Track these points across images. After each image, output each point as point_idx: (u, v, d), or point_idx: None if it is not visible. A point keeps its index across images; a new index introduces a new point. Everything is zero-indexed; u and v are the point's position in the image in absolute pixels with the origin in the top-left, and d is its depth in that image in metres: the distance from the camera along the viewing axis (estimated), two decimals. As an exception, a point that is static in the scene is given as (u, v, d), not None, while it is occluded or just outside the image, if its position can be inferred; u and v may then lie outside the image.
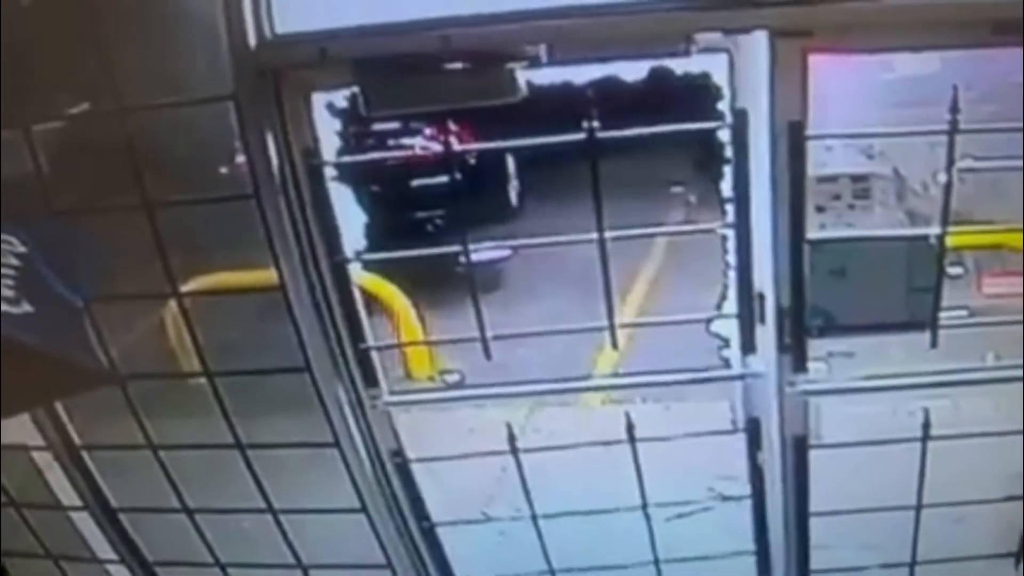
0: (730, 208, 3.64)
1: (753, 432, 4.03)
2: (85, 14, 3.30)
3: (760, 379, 3.90)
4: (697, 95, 3.49)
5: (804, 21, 3.29)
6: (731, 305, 3.82)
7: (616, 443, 4.14)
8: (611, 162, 3.59)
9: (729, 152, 3.55)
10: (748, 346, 3.86)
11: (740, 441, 4.09)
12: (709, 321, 3.88)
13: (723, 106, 3.50)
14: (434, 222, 9.36)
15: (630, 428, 4.11)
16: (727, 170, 3.58)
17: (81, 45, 3.33)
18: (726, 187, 3.62)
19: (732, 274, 3.75)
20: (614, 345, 3.96)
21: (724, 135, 3.54)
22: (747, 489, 4.17)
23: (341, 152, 3.65)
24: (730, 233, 3.68)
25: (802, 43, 3.32)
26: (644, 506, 4.26)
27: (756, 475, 4.13)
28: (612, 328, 3.90)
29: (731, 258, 3.72)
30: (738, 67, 3.41)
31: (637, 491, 4.20)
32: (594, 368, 5.64)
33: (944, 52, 3.42)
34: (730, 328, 3.87)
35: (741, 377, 3.93)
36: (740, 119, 3.49)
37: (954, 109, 3.41)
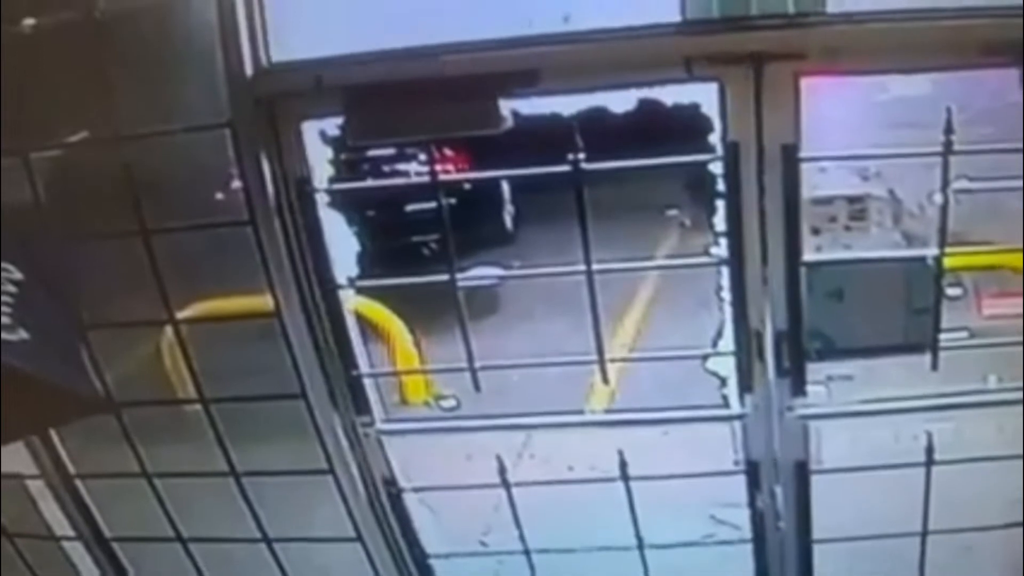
0: (723, 242, 3.69)
1: (752, 474, 4.09)
2: (85, 43, 3.46)
3: (759, 417, 3.95)
4: (689, 121, 3.59)
5: (796, 44, 3.39)
6: (727, 342, 3.87)
7: (610, 480, 4.20)
8: (605, 185, 3.70)
9: (721, 185, 3.60)
10: (746, 385, 3.91)
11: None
12: (705, 358, 3.93)
13: (714, 138, 3.56)
14: (429, 246, 9.51)
15: (623, 466, 4.17)
16: (719, 204, 3.63)
17: (80, 74, 3.49)
18: (719, 221, 3.66)
19: (727, 309, 3.81)
20: (605, 381, 4.04)
21: (716, 167, 3.60)
22: (748, 516, 4.23)
23: (334, 179, 3.78)
24: (724, 269, 3.73)
25: (794, 66, 3.42)
26: (640, 546, 4.34)
27: (756, 515, 4.19)
28: (602, 364, 3.97)
29: (726, 294, 3.78)
30: (730, 96, 3.48)
31: (637, 516, 4.27)
32: (591, 394, 5.76)
33: (936, 74, 3.53)
34: (727, 365, 3.92)
35: (740, 417, 3.99)
36: (732, 152, 3.55)
37: (948, 130, 3.49)
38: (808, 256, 3.75)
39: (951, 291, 3.86)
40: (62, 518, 4.45)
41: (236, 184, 3.67)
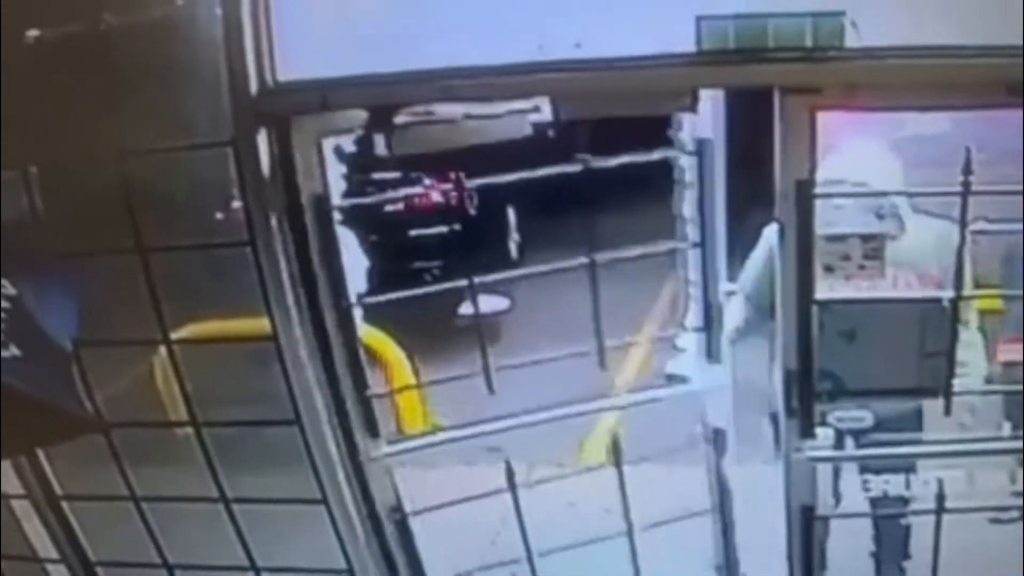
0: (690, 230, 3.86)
1: (719, 445, 4.15)
2: (87, 57, 3.52)
3: (721, 395, 4.03)
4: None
5: (813, 78, 3.42)
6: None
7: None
8: (613, 218, 3.74)
9: (689, 178, 3.77)
10: (713, 356, 4.03)
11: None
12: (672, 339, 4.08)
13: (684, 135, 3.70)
14: (432, 272, 9.53)
15: (626, 509, 4.19)
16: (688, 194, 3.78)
17: (82, 87, 3.55)
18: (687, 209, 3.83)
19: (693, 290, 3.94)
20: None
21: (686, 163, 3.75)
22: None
23: (345, 198, 3.82)
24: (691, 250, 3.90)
25: (811, 100, 3.45)
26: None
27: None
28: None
29: (692, 274, 3.92)
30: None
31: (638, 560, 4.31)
32: (593, 432, 5.74)
33: (956, 112, 3.60)
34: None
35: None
36: (703, 148, 3.72)
37: (967, 170, 3.52)
38: (820, 294, 3.76)
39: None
40: (47, 540, 4.46)
41: (236, 204, 3.72)
